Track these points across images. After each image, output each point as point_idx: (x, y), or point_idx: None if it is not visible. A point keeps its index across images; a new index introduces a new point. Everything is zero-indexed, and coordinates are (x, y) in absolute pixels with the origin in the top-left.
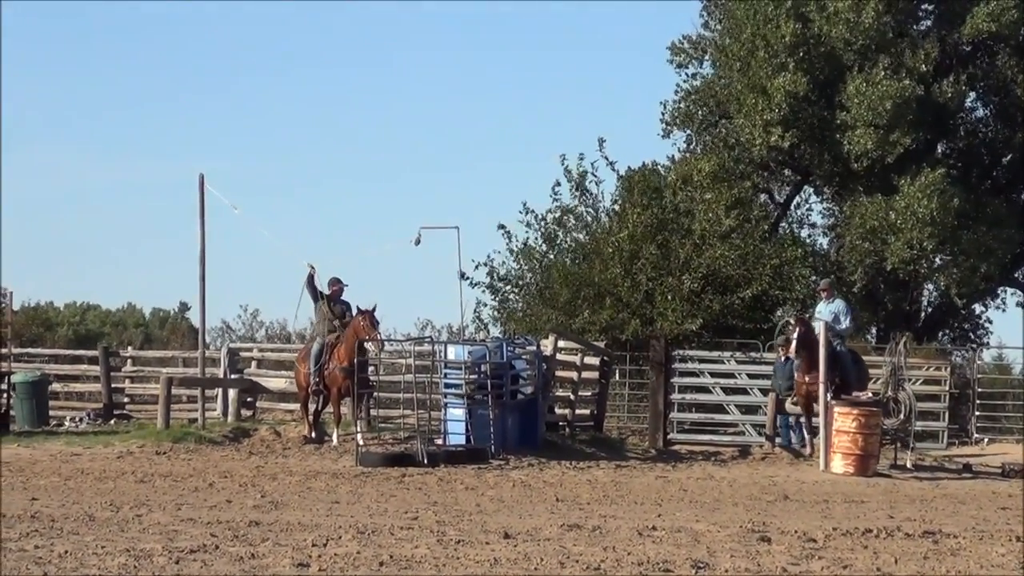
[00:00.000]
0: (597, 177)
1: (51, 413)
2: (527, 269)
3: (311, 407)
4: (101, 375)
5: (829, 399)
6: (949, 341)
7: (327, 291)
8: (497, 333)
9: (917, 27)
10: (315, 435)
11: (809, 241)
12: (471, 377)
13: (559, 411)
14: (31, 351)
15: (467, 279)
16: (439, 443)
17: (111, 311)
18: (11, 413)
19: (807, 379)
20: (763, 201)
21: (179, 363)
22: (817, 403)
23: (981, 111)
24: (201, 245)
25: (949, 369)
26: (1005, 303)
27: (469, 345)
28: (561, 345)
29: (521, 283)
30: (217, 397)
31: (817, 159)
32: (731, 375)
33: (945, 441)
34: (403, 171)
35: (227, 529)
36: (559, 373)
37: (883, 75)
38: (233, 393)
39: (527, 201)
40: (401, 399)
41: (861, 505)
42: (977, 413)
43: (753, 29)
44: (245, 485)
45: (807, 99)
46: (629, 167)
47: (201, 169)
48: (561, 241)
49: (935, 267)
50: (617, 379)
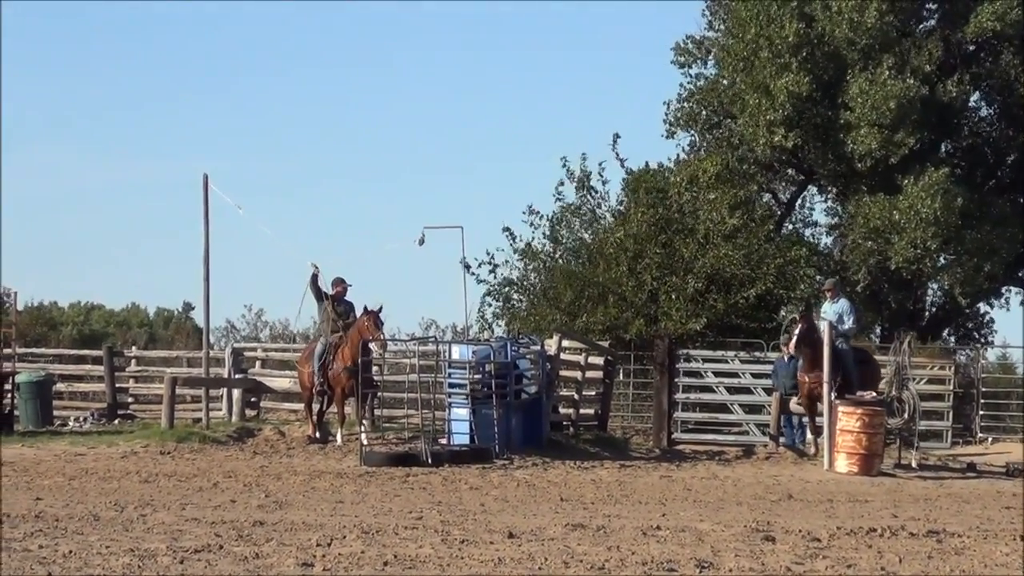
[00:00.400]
0: (604, 176)
1: (55, 413)
2: (531, 269)
3: (315, 407)
4: (105, 375)
5: (833, 398)
6: (953, 340)
7: (331, 291)
8: (501, 333)
9: (921, 26)
10: (319, 435)
11: (813, 241)
12: (475, 377)
13: (563, 411)
14: (35, 351)
15: (473, 273)
16: (443, 443)
17: (115, 311)
18: (15, 413)
19: (808, 378)
20: (767, 201)
21: (183, 363)
22: (820, 402)
23: (985, 110)
24: (205, 245)
25: (953, 368)
26: (1009, 302)
27: (473, 345)
28: (565, 345)
29: (525, 283)
30: (222, 397)
31: (821, 159)
32: (735, 374)
33: (949, 440)
34: (407, 171)
35: (231, 529)
36: (563, 373)
37: (887, 75)
38: (237, 393)
39: (532, 204)
40: (405, 399)
41: (865, 504)
42: (981, 412)
43: (757, 29)
44: (249, 485)
45: (811, 99)
46: (629, 169)
47: (205, 169)
48: (565, 240)
49: (939, 266)
50: (621, 379)
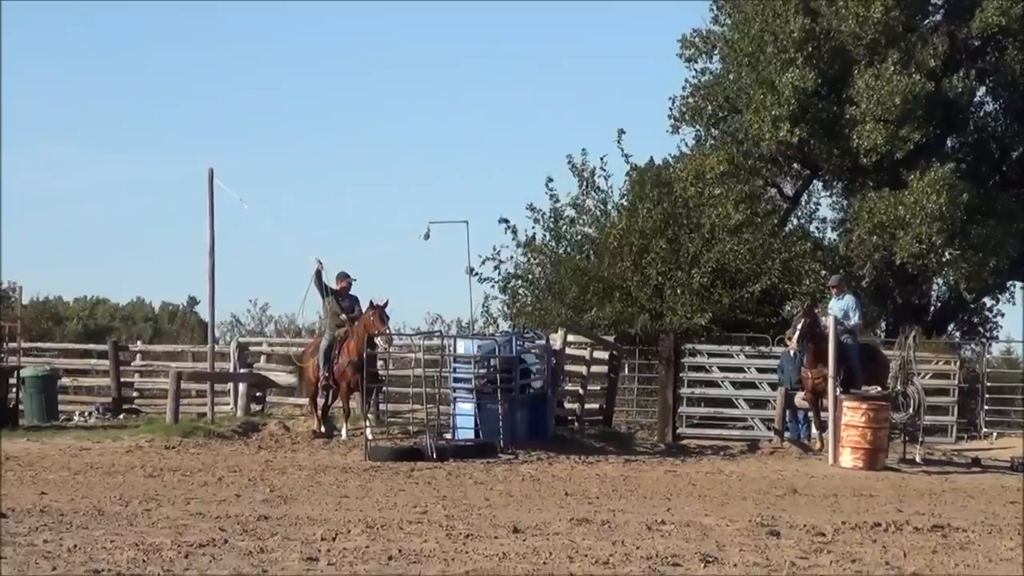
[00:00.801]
0: (606, 171)
1: (60, 408)
2: (535, 264)
3: (320, 401)
4: (110, 369)
5: (838, 393)
6: (958, 335)
7: (335, 286)
8: (506, 327)
9: (926, 21)
10: (324, 430)
11: (818, 236)
12: (480, 371)
13: (568, 405)
14: (40, 345)
15: (476, 275)
16: (448, 437)
17: (120, 305)
18: (20, 408)
19: (812, 373)
20: (772, 196)
21: (188, 357)
22: (824, 397)
23: (990, 105)
24: (210, 239)
25: (958, 363)
26: (1014, 297)
27: (478, 339)
28: (570, 339)
29: (530, 278)
30: (227, 392)
31: (826, 154)
32: (740, 369)
33: (954, 435)
34: (412, 165)
35: (236, 523)
36: (568, 367)
37: (892, 70)
38: (243, 387)
39: (533, 202)
40: (410, 393)
41: (870, 499)
42: (986, 407)
43: (762, 24)
44: (254, 479)
45: (816, 94)
46: (635, 164)
47: (210, 164)
48: (568, 234)
49: (944, 262)
50: (626, 373)
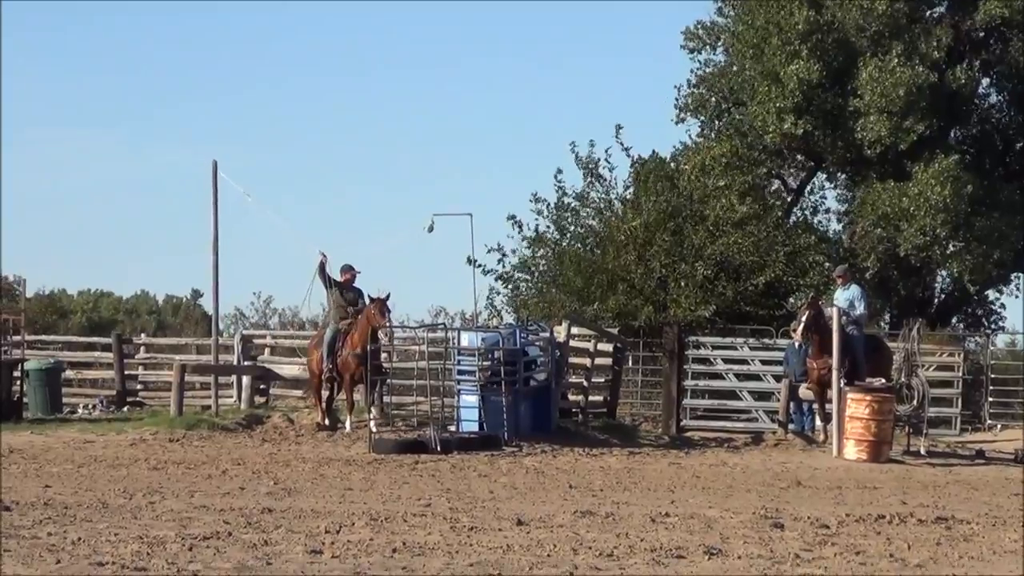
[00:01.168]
0: (610, 163)
1: (64, 400)
2: (539, 256)
3: (324, 394)
4: (114, 362)
5: (842, 385)
6: (962, 327)
7: (339, 278)
8: (510, 320)
9: (930, 13)
10: (328, 422)
11: (822, 228)
12: (484, 364)
13: (572, 398)
14: (44, 338)
15: (479, 266)
16: (452, 430)
17: (124, 298)
18: (24, 400)
19: (817, 364)
20: (776, 188)
21: (192, 350)
22: (829, 388)
23: (995, 97)
24: (214, 232)
25: (962, 355)
26: (1018, 289)
27: (482, 332)
28: (574, 332)
29: (534, 270)
30: (231, 384)
31: (830, 146)
32: (744, 361)
33: (958, 427)
34: (416, 158)
35: (240, 516)
36: (572, 360)
37: (896, 62)
38: (246, 380)
39: (538, 192)
40: (414, 386)
41: (874, 491)
42: (990, 399)
43: (766, 16)
44: (258, 472)
45: (820, 86)
46: (639, 156)
47: (214, 156)
48: (572, 227)
49: (948, 253)
50: (630, 365)
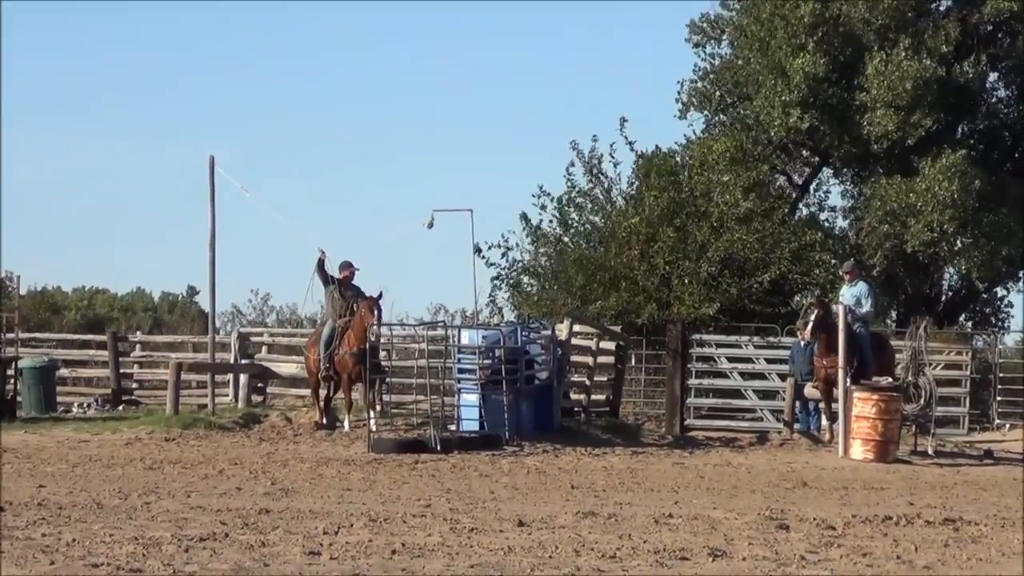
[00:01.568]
0: (615, 158)
1: (59, 399)
2: (542, 253)
3: (322, 393)
4: (109, 360)
5: (848, 384)
6: (970, 325)
7: (338, 275)
8: (512, 317)
9: (937, 6)
10: (326, 421)
11: (828, 224)
12: (485, 362)
13: (574, 397)
14: (38, 336)
15: (483, 257)
16: (452, 429)
17: (119, 295)
18: (18, 399)
19: (825, 362)
20: (781, 183)
21: (189, 348)
22: (836, 388)
23: (1003, 91)
24: (211, 228)
25: (970, 353)
26: None
27: (483, 330)
28: (576, 330)
29: (536, 267)
30: (228, 383)
31: (836, 141)
32: (749, 360)
33: (966, 427)
34: (416, 153)
35: (237, 517)
36: (574, 358)
37: (903, 55)
38: (243, 378)
39: (543, 184)
40: (414, 384)
41: (881, 492)
42: (999, 398)
43: (772, 8)
44: (255, 472)
45: (826, 80)
46: (642, 151)
47: (211, 151)
48: (575, 223)
49: (956, 250)
50: (633, 364)
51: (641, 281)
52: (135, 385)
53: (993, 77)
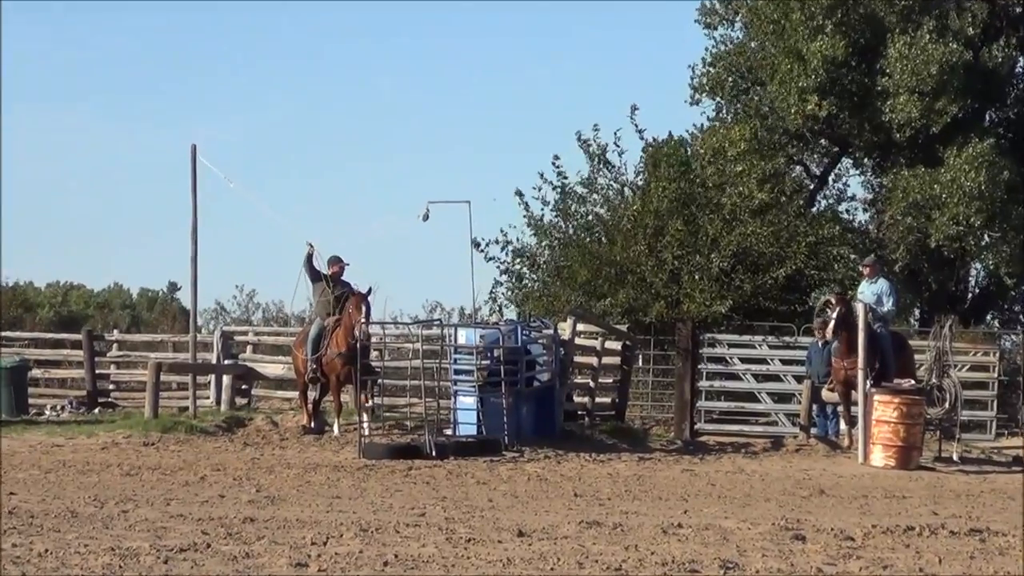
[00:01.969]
0: (620, 147)
1: (31, 401)
2: (544, 246)
3: (310, 395)
4: (85, 360)
5: (869, 387)
6: (998, 324)
7: (328, 271)
8: (512, 315)
9: None
10: (315, 425)
11: (847, 217)
12: (483, 363)
13: (578, 399)
14: (9, 335)
15: (482, 250)
16: (448, 434)
17: (95, 291)
18: None
19: (846, 363)
20: (798, 174)
21: (169, 347)
22: (854, 390)
23: None
24: (193, 221)
25: (998, 354)
26: None
27: (481, 328)
28: (580, 328)
29: (538, 261)
30: (210, 384)
31: (856, 129)
32: (763, 361)
33: (993, 432)
34: (411, 142)
35: (220, 526)
36: (578, 359)
37: (928, 38)
38: (227, 380)
39: (543, 172)
40: (408, 386)
41: (903, 501)
42: None
43: None
44: (239, 479)
45: (846, 64)
46: (654, 138)
47: (194, 139)
48: (577, 214)
49: (983, 244)
50: (640, 365)
51: (649, 277)
52: (112, 387)
53: (1022, 61)
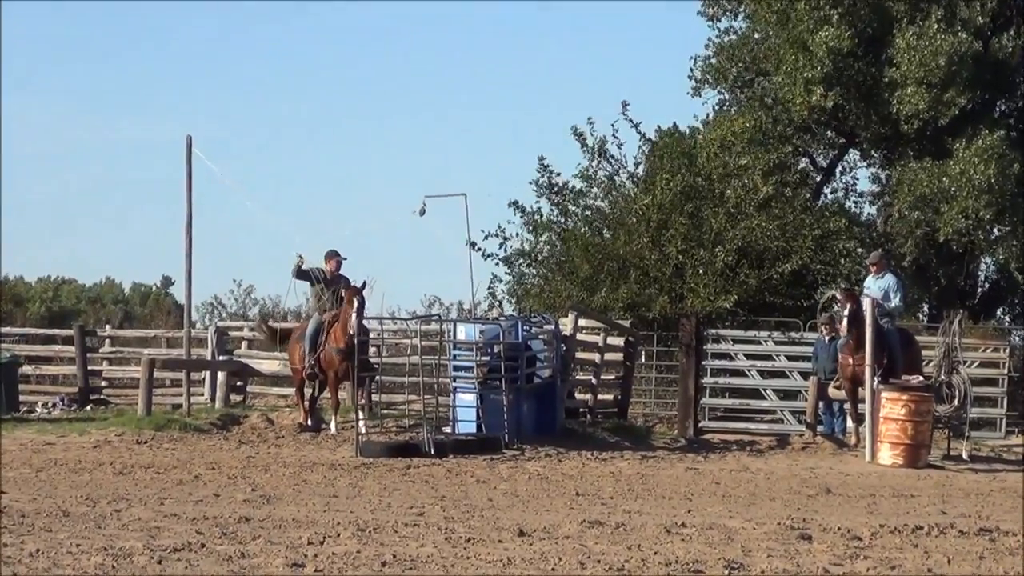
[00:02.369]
0: (619, 139)
1: (22, 398)
2: (544, 240)
3: (307, 392)
4: (76, 356)
5: (876, 383)
6: (1008, 320)
7: (324, 266)
8: (512, 311)
9: None
10: (311, 422)
11: (854, 210)
12: (483, 359)
13: (579, 396)
14: (0, 330)
15: (478, 249)
16: (447, 432)
17: (87, 286)
18: None
19: (854, 359)
20: (804, 166)
21: (162, 343)
22: (862, 386)
23: None
24: (187, 214)
25: (1008, 350)
26: None
27: (481, 324)
28: (582, 324)
29: (538, 255)
30: (204, 381)
31: (863, 120)
32: (768, 357)
33: (1003, 429)
34: (406, 134)
35: (214, 526)
36: (579, 355)
37: (936, 28)
38: (222, 376)
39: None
40: (406, 383)
41: (911, 500)
42: None
43: None
44: (234, 477)
45: (852, 55)
46: (659, 126)
47: (189, 131)
48: (577, 207)
49: (993, 239)
50: (643, 361)
51: (652, 271)
52: (104, 383)
53: None
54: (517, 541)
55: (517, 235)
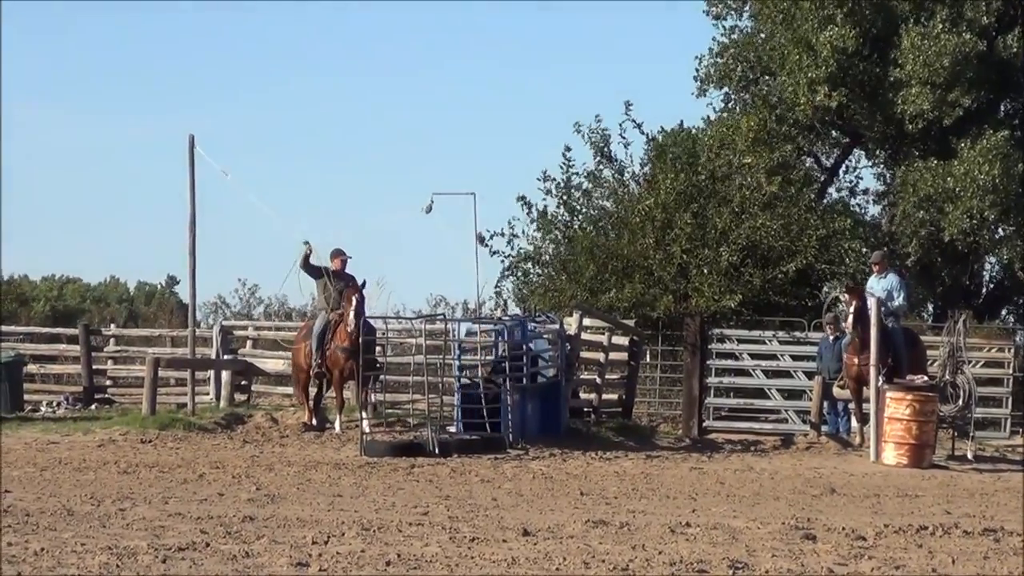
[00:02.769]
0: (625, 139)
1: (26, 397)
2: (549, 240)
3: (311, 391)
4: (81, 355)
5: (881, 383)
6: (1013, 320)
7: (330, 265)
8: (517, 310)
9: None
10: (315, 422)
11: (859, 210)
12: (488, 359)
13: (584, 396)
14: (4, 329)
15: (486, 245)
16: (452, 431)
17: (92, 285)
18: None
19: (859, 359)
20: (808, 166)
21: (167, 342)
22: (867, 386)
23: None
24: (191, 213)
25: (1013, 350)
26: None
27: (486, 323)
28: (586, 323)
29: (543, 255)
30: (209, 380)
31: (868, 120)
32: (773, 356)
33: (1008, 430)
34: (414, 133)
35: (219, 525)
36: (584, 354)
37: (941, 28)
38: (226, 375)
39: (547, 170)
40: (411, 382)
41: (915, 500)
42: None
43: None
44: (239, 477)
45: (857, 54)
46: (662, 127)
47: (192, 130)
48: (583, 208)
49: (997, 238)
50: (648, 361)
51: (656, 271)
52: (108, 382)
53: None
54: (521, 541)
55: (524, 232)
